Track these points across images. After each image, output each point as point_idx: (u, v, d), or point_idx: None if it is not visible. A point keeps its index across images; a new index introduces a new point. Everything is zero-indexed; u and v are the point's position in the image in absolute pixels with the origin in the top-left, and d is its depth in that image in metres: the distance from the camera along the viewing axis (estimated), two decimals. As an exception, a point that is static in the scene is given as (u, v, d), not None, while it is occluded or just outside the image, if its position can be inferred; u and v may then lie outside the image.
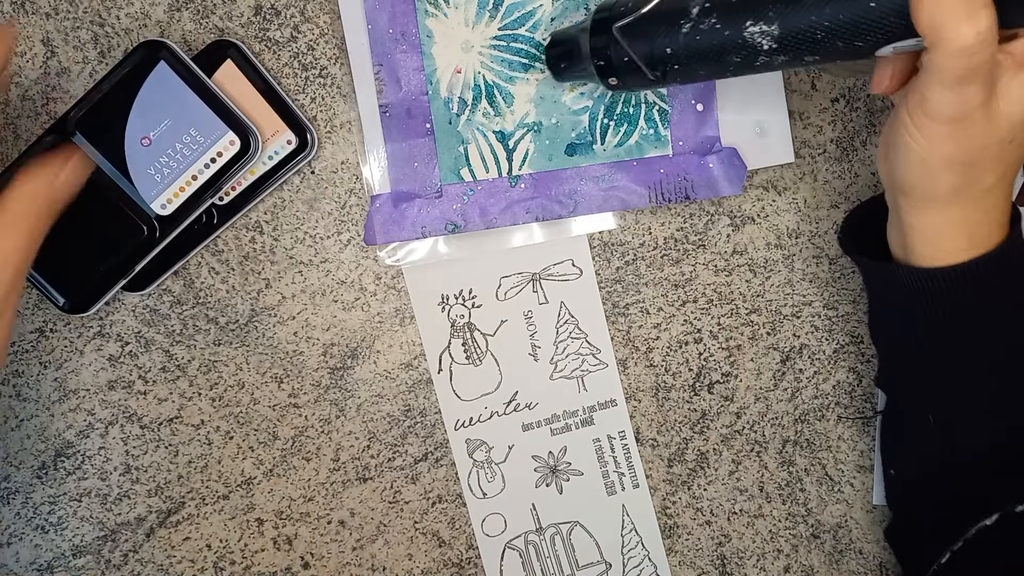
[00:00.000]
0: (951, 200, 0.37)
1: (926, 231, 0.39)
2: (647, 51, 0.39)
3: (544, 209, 0.50)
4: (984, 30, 0.31)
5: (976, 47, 0.31)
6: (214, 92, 0.45)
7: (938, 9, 0.31)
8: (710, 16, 0.36)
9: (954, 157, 0.36)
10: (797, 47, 0.35)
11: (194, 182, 0.46)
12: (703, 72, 0.39)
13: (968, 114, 0.34)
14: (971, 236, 0.38)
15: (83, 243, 0.46)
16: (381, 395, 0.51)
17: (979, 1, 0.31)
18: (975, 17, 0.31)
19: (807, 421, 0.54)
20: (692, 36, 0.37)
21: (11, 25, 0.45)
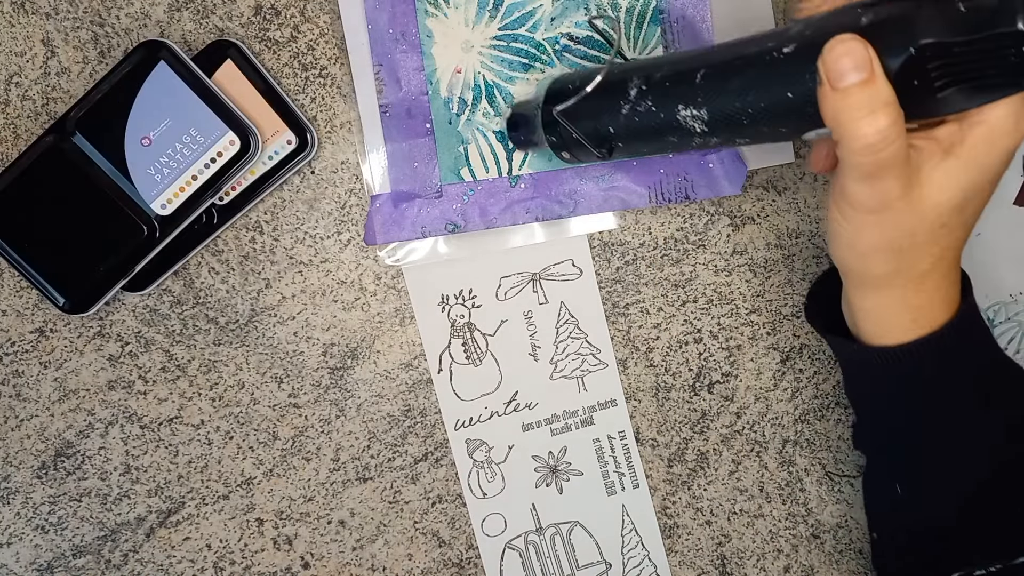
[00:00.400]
0: (887, 283, 0.37)
1: (869, 311, 0.39)
2: (591, 130, 0.41)
3: (544, 209, 0.50)
4: (884, 128, 0.31)
5: (879, 145, 0.31)
6: (214, 92, 0.45)
7: (840, 107, 0.31)
8: (646, 99, 0.38)
9: (880, 245, 0.35)
10: (726, 130, 0.36)
11: (194, 182, 0.46)
12: (646, 149, 0.41)
13: (888, 205, 0.34)
14: (914, 317, 0.38)
15: (83, 243, 0.46)
16: (381, 395, 0.51)
17: (880, 99, 0.31)
18: (875, 116, 0.31)
19: (807, 421, 0.53)
20: (631, 117, 0.39)
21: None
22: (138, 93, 0.45)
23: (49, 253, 0.46)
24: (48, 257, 0.46)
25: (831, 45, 0.31)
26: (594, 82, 0.40)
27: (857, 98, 0.31)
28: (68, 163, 0.45)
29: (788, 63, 0.33)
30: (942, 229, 0.35)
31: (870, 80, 0.30)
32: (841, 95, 0.31)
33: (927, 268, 0.36)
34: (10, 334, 0.49)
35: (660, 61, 0.39)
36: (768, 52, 0.33)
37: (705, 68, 0.36)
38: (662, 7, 0.49)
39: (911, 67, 0.30)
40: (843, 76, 0.30)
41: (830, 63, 0.31)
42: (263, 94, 0.47)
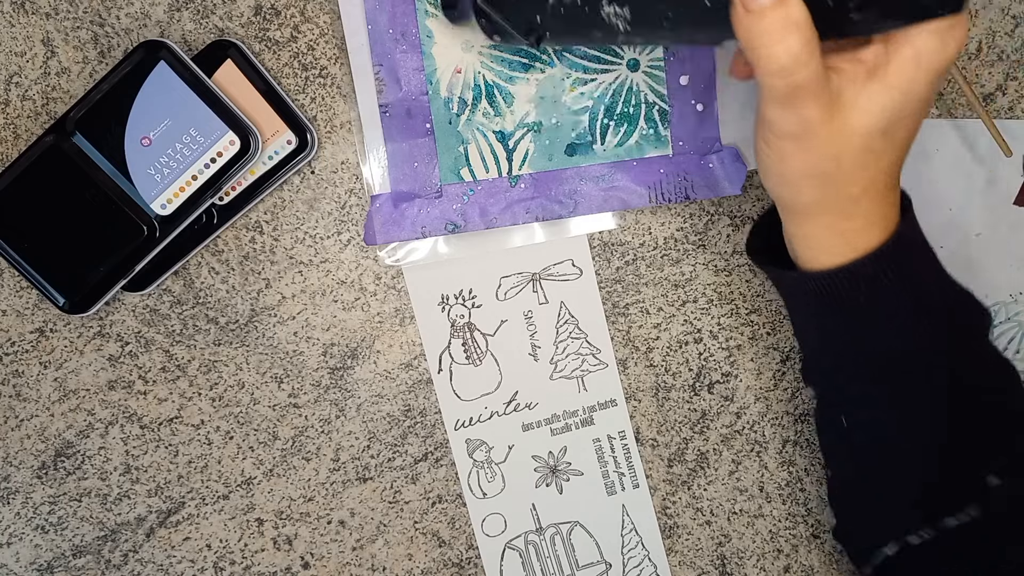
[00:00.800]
0: (817, 210, 0.37)
1: (803, 238, 0.39)
2: (518, 19, 0.40)
3: (544, 209, 0.50)
4: (796, 50, 0.30)
5: (792, 67, 0.31)
6: (214, 92, 0.45)
7: (754, 29, 0.31)
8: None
9: (806, 171, 0.35)
10: (648, 32, 0.36)
11: (194, 182, 0.46)
12: (574, 41, 0.41)
13: (810, 129, 0.33)
14: (847, 240, 0.37)
15: (83, 243, 0.46)
16: (381, 395, 0.51)
17: (792, 20, 0.30)
18: (787, 39, 0.30)
19: (807, 421, 0.53)
20: (557, 9, 0.39)
21: None
22: (138, 93, 0.45)
23: (49, 253, 0.46)
24: (48, 257, 0.46)
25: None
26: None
27: (769, 20, 0.30)
28: (68, 163, 0.45)
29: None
30: (869, 154, 0.34)
31: (782, 1, 0.30)
32: (754, 17, 0.30)
33: (857, 193, 0.36)
34: (10, 334, 0.49)
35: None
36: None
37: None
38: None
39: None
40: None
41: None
42: (263, 94, 0.47)
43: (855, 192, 0.36)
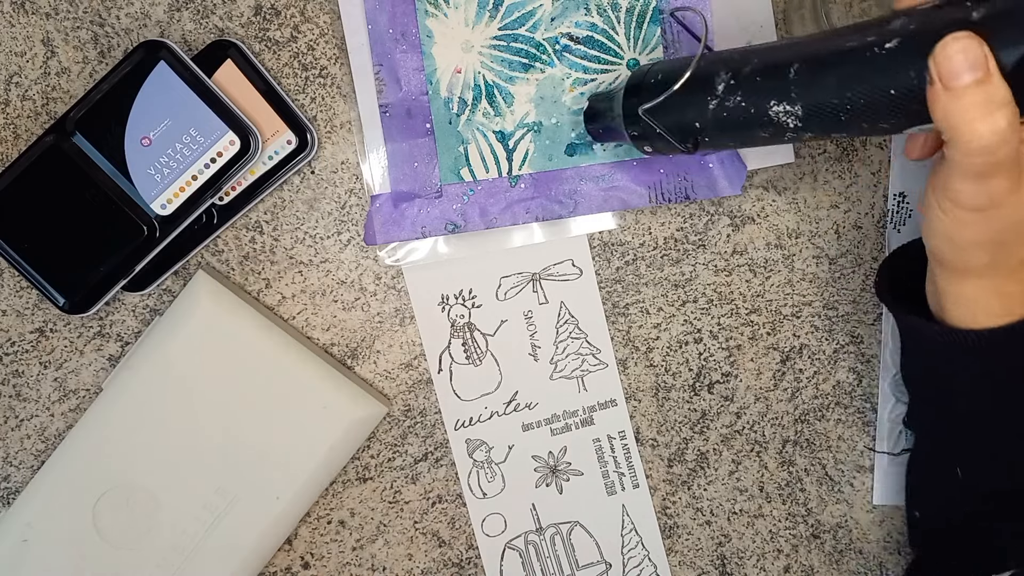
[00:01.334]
0: (983, 273, 0.36)
1: (958, 296, 0.38)
2: (676, 125, 0.40)
3: (544, 209, 0.50)
4: (1002, 129, 0.30)
5: (994, 147, 0.30)
6: (214, 92, 0.45)
7: (953, 108, 0.30)
8: (735, 93, 0.37)
9: (982, 239, 0.35)
10: (822, 126, 0.35)
11: (194, 182, 0.46)
12: (734, 143, 0.40)
13: (996, 202, 0.33)
14: (1005, 303, 0.37)
15: (83, 243, 0.46)
16: (381, 395, 0.51)
17: (997, 99, 0.29)
18: (992, 118, 0.30)
19: (807, 421, 0.53)
20: (719, 112, 0.37)
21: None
22: (138, 93, 0.45)
23: (49, 253, 0.46)
24: (48, 257, 0.46)
25: (945, 43, 0.29)
26: (683, 79, 0.38)
27: (972, 98, 0.29)
28: (68, 163, 0.45)
29: (891, 59, 0.31)
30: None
31: (986, 79, 0.29)
32: (954, 95, 0.29)
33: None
34: (10, 334, 0.49)
35: (748, 53, 0.37)
36: (868, 47, 0.32)
37: (799, 62, 0.34)
38: (662, 7, 0.49)
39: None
40: (957, 75, 0.29)
41: (942, 61, 0.29)
42: (263, 94, 0.47)
43: (1023, 256, 0.36)
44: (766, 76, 0.36)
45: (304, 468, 0.48)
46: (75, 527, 0.47)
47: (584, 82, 0.49)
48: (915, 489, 0.47)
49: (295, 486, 0.48)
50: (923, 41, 0.30)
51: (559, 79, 0.49)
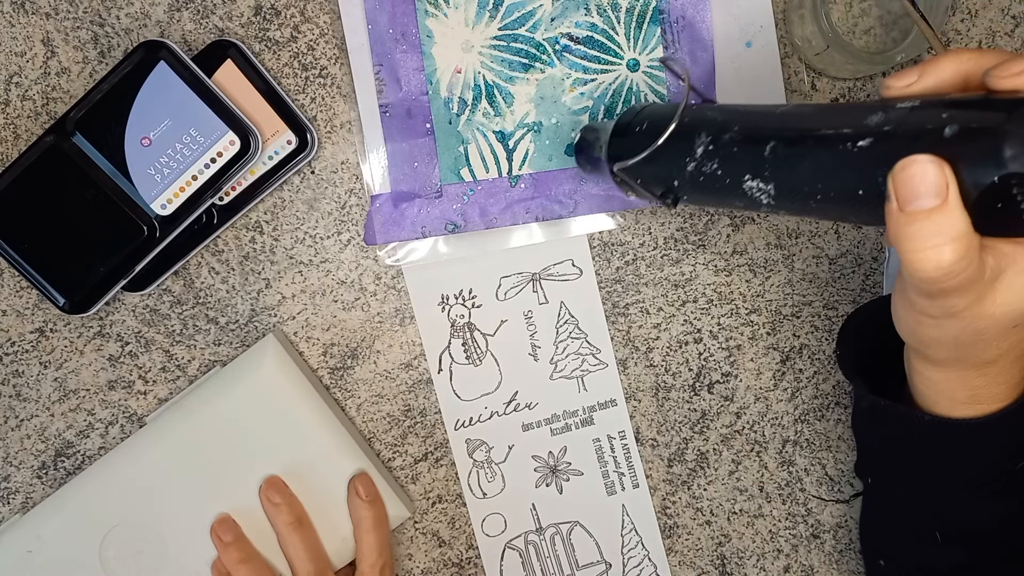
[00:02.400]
0: (948, 365, 0.36)
1: (926, 378, 0.38)
2: (656, 180, 0.39)
3: (544, 209, 0.49)
4: (948, 264, 0.28)
5: (940, 279, 0.29)
6: (214, 92, 0.45)
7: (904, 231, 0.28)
8: (712, 160, 0.36)
9: (944, 340, 0.34)
10: (794, 208, 0.34)
11: (194, 182, 0.46)
12: (712, 205, 0.39)
13: (955, 315, 0.31)
14: (972, 395, 0.37)
15: (83, 243, 0.46)
16: (381, 395, 0.51)
17: (951, 231, 0.28)
18: (939, 250, 0.28)
19: (807, 421, 0.53)
20: (696, 176, 0.37)
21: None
22: (138, 93, 0.45)
23: (49, 253, 0.46)
24: (48, 257, 0.46)
25: (905, 163, 0.28)
26: (663, 137, 0.38)
27: (924, 225, 0.28)
28: (68, 163, 0.45)
29: (861, 159, 0.30)
30: (1014, 329, 0.32)
31: (942, 208, 0.27)
32: (908, 218, 0.28)
33: (992, 358, 0.35)
34: (10, 334, 0.49)
35: (730, 117, 0.37)
36: (843, 140, 0.31)
37: (776, 140, 0.34)
38: (662, 7, 0.49)
39: (995, 191, 0.27)
40: (913, 199, 0.28)
41: (901, 182, 0.28)
42: (263, 94, 0.47)
43: (991, 357, 0.35)
44: (743, 148, 0.35)
45: None
46: (81, 552, 0.47)
47: (584, 82, 0.49)
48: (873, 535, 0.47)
49: None
50: (893, 147, 0.29)
51: (559, 79, 0.49)
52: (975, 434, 0.37)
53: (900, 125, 0.29)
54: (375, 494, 0.48)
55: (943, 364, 0.36)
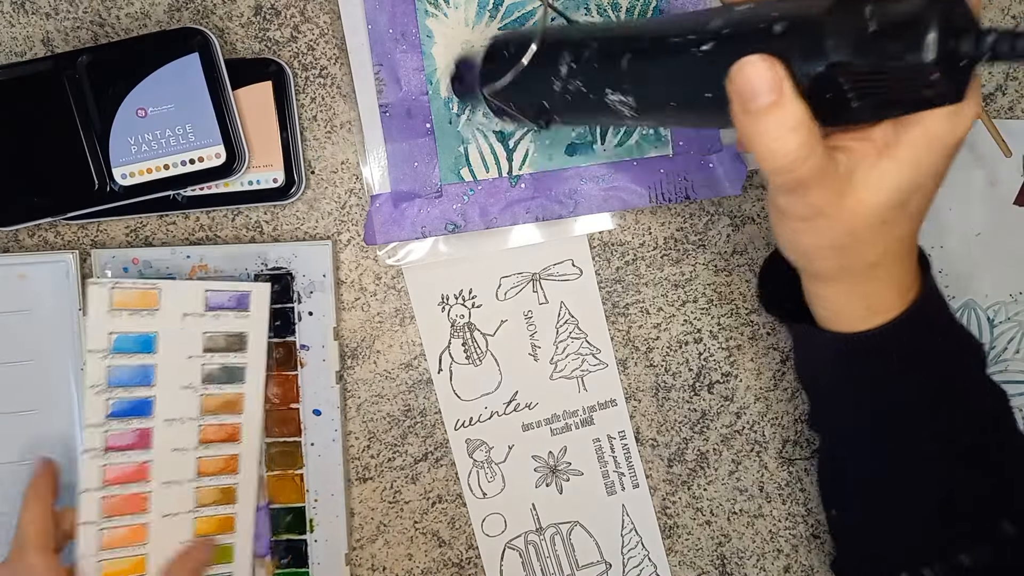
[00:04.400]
0: (835, 276, 0.37)
1: (823, 299, 0.39)
2: (527, 102, 0.40)
3: (544, 209, 0.50)
4: (794, 149, 0.30)
5: (791, 165, 0.31)
6: (228, 104, 0.45)
7: (749, 128, 0.30)
8: (576, 78, 0.37)
9: (820, 245, 0.35)
10: (655, 117, 0.36)
11: (163, 171, 0.46)
12: (582, 122, 0.40)
13: (820, 212, 0.33)
14: (868, 305, 0.37)
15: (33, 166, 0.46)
16: (381, 395, 0.51)
17: (790, 120, 0.30)
18: (783, 139, 0.30)
19: (807, 421, 0.53)
20: (563, 95, 0.38)
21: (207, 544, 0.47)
22: (159, 69, 0.45)
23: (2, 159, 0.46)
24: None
25: (740, 65, 0.30)
26: (525, 57, 0.38)
27: (766, 120, 0.30)
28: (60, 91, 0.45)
29: (705, 62, 0.32)
30: (883, 226, 0.34)
31: (779, 102, 0.29)
32: (751, 117, 0.30)
33: (874, 260, 0.36)
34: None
35: (589, 33, 0.38)
36: (688, 46, 0.32)
37: (630, 52, 0.35)
38: (662, 7, 0.49)
39: (823, 81, 0.29)
40: (752, 99, 0.30)
41: (739, 85, 0.30)
42: (280, 127, 0.47)
43: (872, 259, 0.36)
44: (602, 63, 0.36)
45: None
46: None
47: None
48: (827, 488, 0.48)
49: None
50: (732, 49, 0.30)
51: (559, 79, 0.49)
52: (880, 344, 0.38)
53: (736, 26, 0.31)
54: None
55: (831, 277, 0.37)
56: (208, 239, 0.49)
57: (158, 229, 0.49)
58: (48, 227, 0.49)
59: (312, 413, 0.49)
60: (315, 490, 0.50)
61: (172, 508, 0.47)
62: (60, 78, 0.45)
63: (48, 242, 0.49)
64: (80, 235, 0.49)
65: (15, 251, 0.49)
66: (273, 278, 0.48)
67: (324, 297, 0.49)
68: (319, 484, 0.50)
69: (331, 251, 0.48)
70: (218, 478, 0.47)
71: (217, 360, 0.47)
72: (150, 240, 0.49)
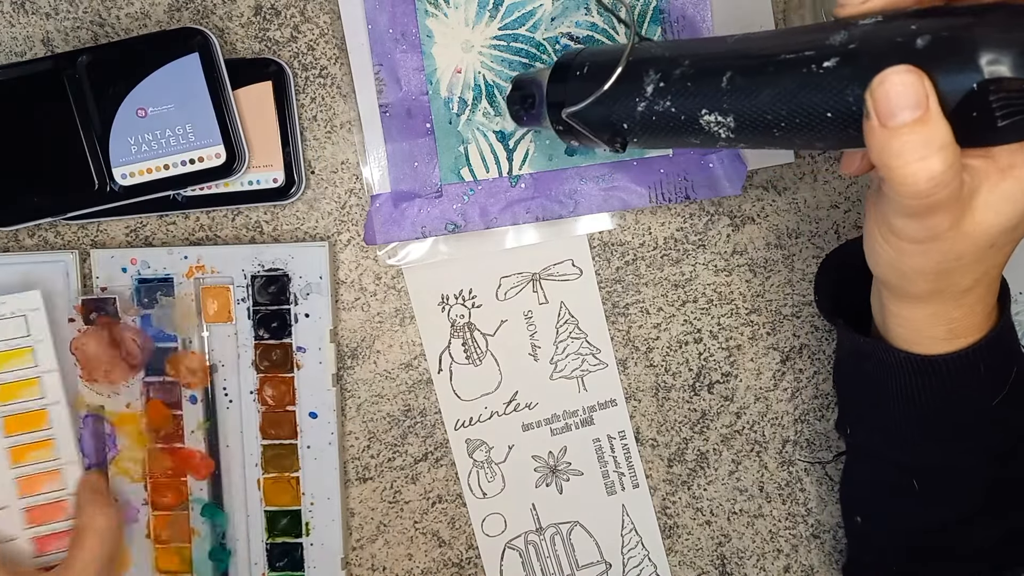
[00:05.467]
0: (927, 299, 0.36)
1: (903, 319, 0.38)
2: (602, 123, 0.38)
3: (544, 209, 0.50)
4: (938, 174, 0.28)
5: (929, 191, 0.29)
6: (228, 104, 0.45)
7: (889, 147, 0.28)
8: (664, 97, 0.35)
9: (925, 269, 0.34)
10: (755, 139, 0.34)
11: (163, 171, 0.46)
12: (665, 145, 0.38)
13: (937, 236, 0.31)
14: (950, 329, 0.37)
15: (33, 167, 0.46)
16: (381, 395, 0.51)
17: (936, 141, 0.27)
18: (927, 162, 0.28)
19: (807, 421, 0.53)
20: (647, 116, 0.36)
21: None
22: (159, 69, 0.45)
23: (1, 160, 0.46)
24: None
25: (882, 77, 0.27)
26: (609, 81, 0.36)
27: (909, 139, 0.27)
28: (60, 90, 0.45)
29: (829, 79, 0.29)
30: (991, 249, 0.33)
31: (925, 119, 0.27)
32: (891, 133, 0.28)
33: (969, 285, 0.35)
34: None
35: (680, 52, 0.35)
36: (806, 62, 0.30)
37: (732, 71, 0.33)
38: (662, 7, 0.49)
39: (971, 99, 0.27)
40: (895, 114, 0.27)
41: (880, 97, 0.27)
42: (280, 127, 0.47)
43: (967, 285, 0.35)
44: (698, 83, 0.34)
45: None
46: None
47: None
48: (852, 493, 0.47)
49: None
50: (864, 65, 0.28)
51: (559, 79, 0.49)
52: (958, 368, 0.37)
53: (866, 42, 0.29)
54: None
55: (921, 299, 0.36)
56: (208, 239, 0.49)
57: (158, 229, 0.49)
58: (48, 227, 0.49)
59: (308, 416, 0.49)
60: (311, 493, 0.50)
61: None
62: (60, 78, 0.45)
63: (48, 242, 0.49)
64: (80, 235, 0.49)
65: (15, 251, 0.49)
66: (269, 279, 0.48)
67: (320, 299, 0.49)
68: (315, 487, 0.50)
69: (328, 253, 0.48)
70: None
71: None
72: (150, 240, 0.50)
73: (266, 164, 0.47)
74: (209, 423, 0.49)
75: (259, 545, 0.50)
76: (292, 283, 0.48)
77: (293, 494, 0.50)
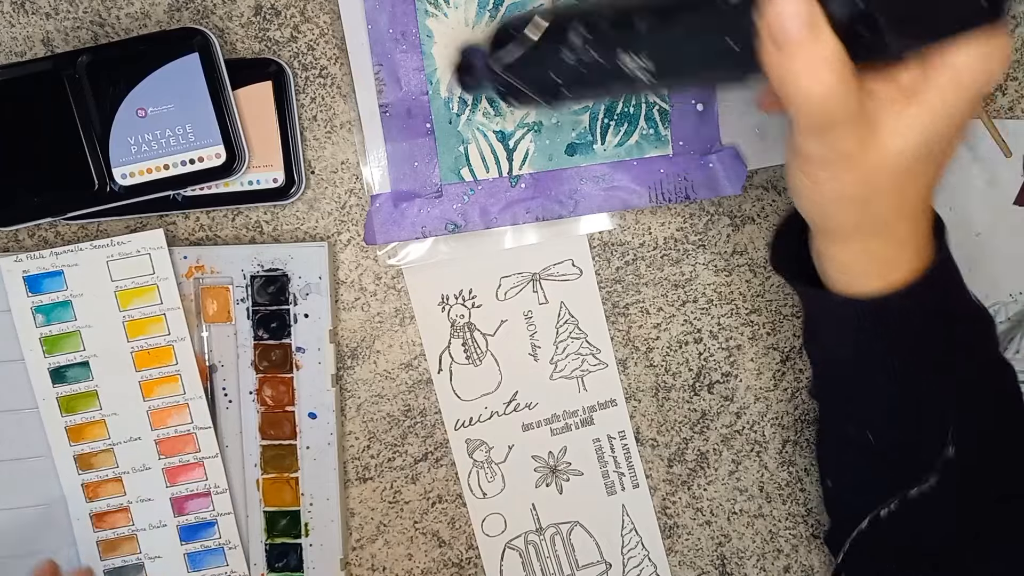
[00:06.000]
0: (852, 234, 0.36)
1: (836, 260, 0.38)
2: (536, 80, 0.40)
3: (544, 209, 0.50)
4: (830, 85, 0.30)
5: (825, 103, 0.30)
6: (228, 104, 0.45)
7: (783, 67, 0.30)
8: (589, 48, 0.37)
9: (840, 196, 0.34)
10: (673, 79, 0.35)
11: (163, 171, 0.46)
12: (593, 96, 0.41)
13: (844, 158, 0.32)
14: (882, 268, 0.37)
15: (33, 167, 0.46)
16: (381, 395, 0.51)
17: (826, 56, 0.29)
18: (820, 75, 0.29)
19: (807, 421, 0.53)
20: (576, 68, 0.37)
21: None
22: (158, 69, 0.45)
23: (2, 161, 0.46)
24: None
25: (770, 2, 0.29)
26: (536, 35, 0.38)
27: (801, 57, 0.29)
28: (59, 91, 0.45)
29: (733, 13, 0.31)
30: (905, 177, 0.33)
31: (814, 37, 0.29)
32: (784, 54, 0.30)
33: (892, 216, 0.35)
34: None
35: (602, 2, 0.37)
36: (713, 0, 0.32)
37: (647, 12, 0.34)
38: (662, 7, 0.49)
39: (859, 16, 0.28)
40: (785, 34, 0.29)
41: (771, 20, 0.29)
42: (280, 127, 0.47)
43: (890, 215, 0.35)
44: (618, 29, 0.36)
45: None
46: None
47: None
48: (822, 458, 0.47)
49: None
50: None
51: (559, 79, 0.49)
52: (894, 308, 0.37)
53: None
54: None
55: (847, 235, 0.36)
56: (208, 239, 0.49)
57: (158, 229, 0.49)
58: (48, 227, 0.49)
59: (307, 416, 0.49)
60: (310, 494, 0.50)
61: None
62: (60, 78, 0.45)
63: (48, 242, 0.49)
64: (80, 235, 0.49)
65: (15, 251, 0.49)
66: (268, 280, 0.48)
67: (320, 299, 0.49)
68: (314, 488, 0.50)
69: (327, 253, 0.48)
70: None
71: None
72: (150, 240, 0.49)
73: (266, 164, 0.47)
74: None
75: (258, 545, 0.50)
76: (292, 283, 0.48)
77: (292, 494, 0.50)
